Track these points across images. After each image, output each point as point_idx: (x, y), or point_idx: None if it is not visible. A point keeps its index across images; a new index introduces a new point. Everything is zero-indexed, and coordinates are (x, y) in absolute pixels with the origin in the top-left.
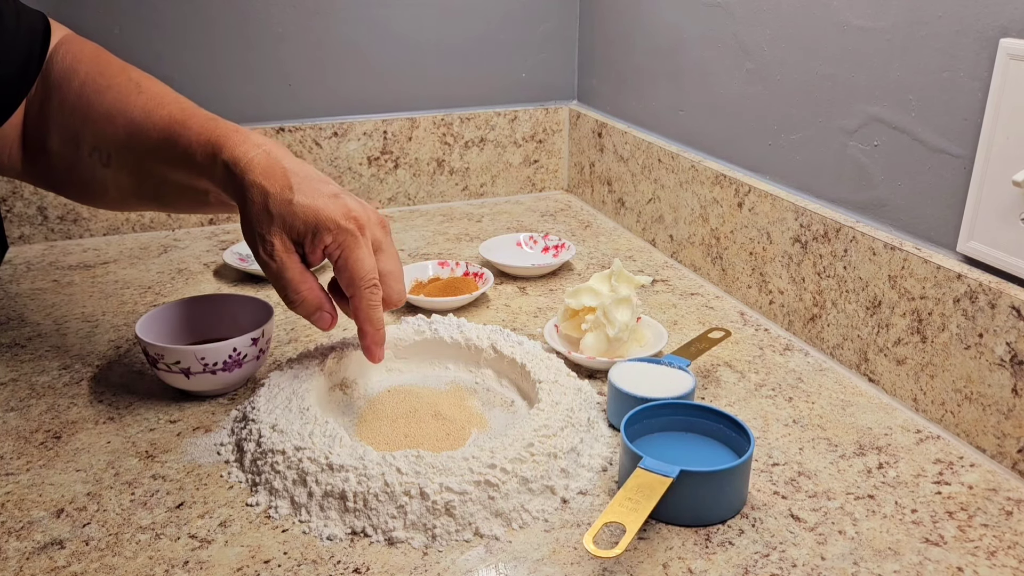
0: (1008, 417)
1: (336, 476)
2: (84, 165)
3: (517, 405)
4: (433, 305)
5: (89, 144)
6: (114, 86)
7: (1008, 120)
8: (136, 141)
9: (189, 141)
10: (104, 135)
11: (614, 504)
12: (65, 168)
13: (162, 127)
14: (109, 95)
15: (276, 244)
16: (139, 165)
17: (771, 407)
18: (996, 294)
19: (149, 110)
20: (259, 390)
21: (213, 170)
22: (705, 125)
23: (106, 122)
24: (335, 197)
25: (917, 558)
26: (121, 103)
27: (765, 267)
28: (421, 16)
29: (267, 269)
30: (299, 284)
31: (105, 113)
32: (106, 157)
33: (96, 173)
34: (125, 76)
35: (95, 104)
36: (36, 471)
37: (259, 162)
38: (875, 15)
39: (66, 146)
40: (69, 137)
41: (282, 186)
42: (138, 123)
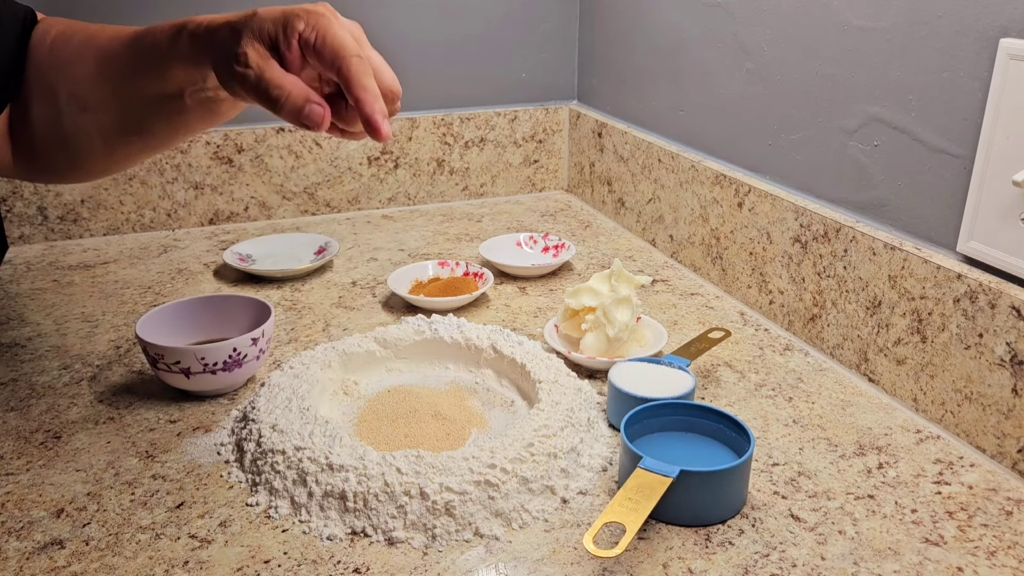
0: (1008, 417)
1: (336, 476)
2: (64, 118)
3: (517, 405)
4: (433, 305)
5: (65, 92)
6: (80, 31)
7: (1008, 120)
8: (107, 68)
9: (155, 36)
10: (76, 77)
11: (614, 504)
12: (48, 132)
13: (128, 40)
14: (75, 40)
15: (249, 53)
16: (114, 93)
17: (771, 407)
18: (996, 294)
19: (113, 35)
20: (259, 390)
21: (179, 45)
22: (705, 125)
23: (77, 64)
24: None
25: (917, 558)
26: (88, 41)
27: (765, 267)
28: (421, 16)
29: (245, 81)
30: (281, 79)
31: (73, 56)
32: (82, 100)
33: (78, 121)
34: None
35: (65, 52)
36: (36, 471)
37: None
38: (875, 15)
39: (46, 106)
40: (46, 96)
41: (242, 14)
42: (105, 49)
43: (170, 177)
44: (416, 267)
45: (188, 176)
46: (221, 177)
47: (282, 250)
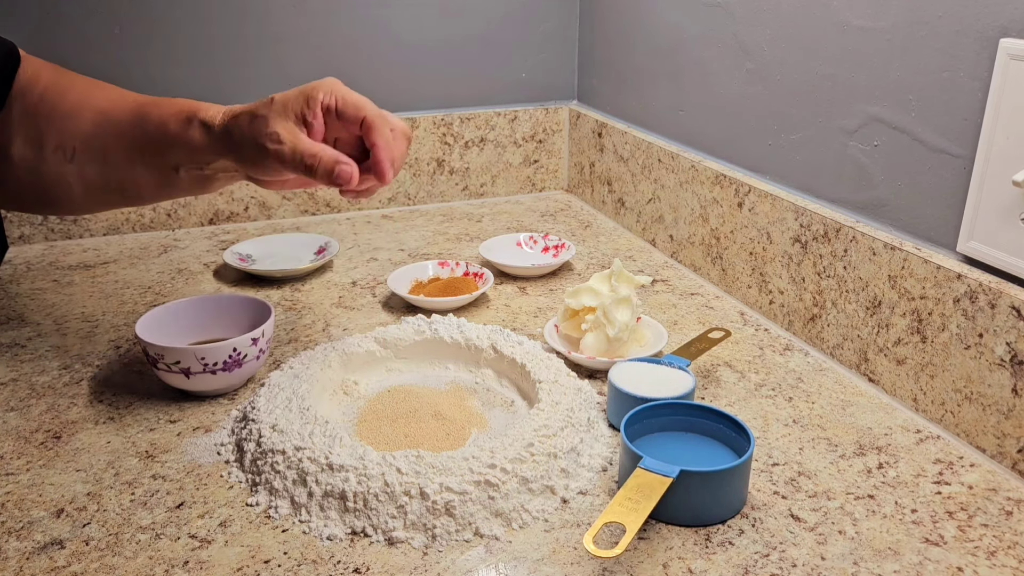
0: (1008, 417)
1: (336, 476)
2: (48, 165)
3: (517, 405)
4: (433, 305)
5: (53, 142)
6: (76, 86)
7: (1008, 120)
8: (103, 129)
9: (161, 117)
10: (68, 131)
11: (614, 504)
12: (28, 173)
13: (131, 110)
14: (71, 94)
15: (280, 131)
16: (106, 153)
17: (771, 407)
18: (996, 294)
19: (114, 100)
20: (259, 390)
21: (190, 131)
22: (705, 125)
23: (70, 118)
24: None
25: (917, 558)
26: (85, 98)
27: (765, 267)
28: (421, 16)
29: (281, 156)
30: (312, 147)
31: (69, 110)
32: (70, 152)
33: (61, 170)
34: (85, 80)
35: (58, 104)
36: (36, 471)
37: (234, 109)
38: (875, 15)
39: (30, 149)
40: (32, 140)
41: (259, 103)
42: (105, 111)
43: None
44: (416, 267)
45: None
46: None
47: (282, 250)
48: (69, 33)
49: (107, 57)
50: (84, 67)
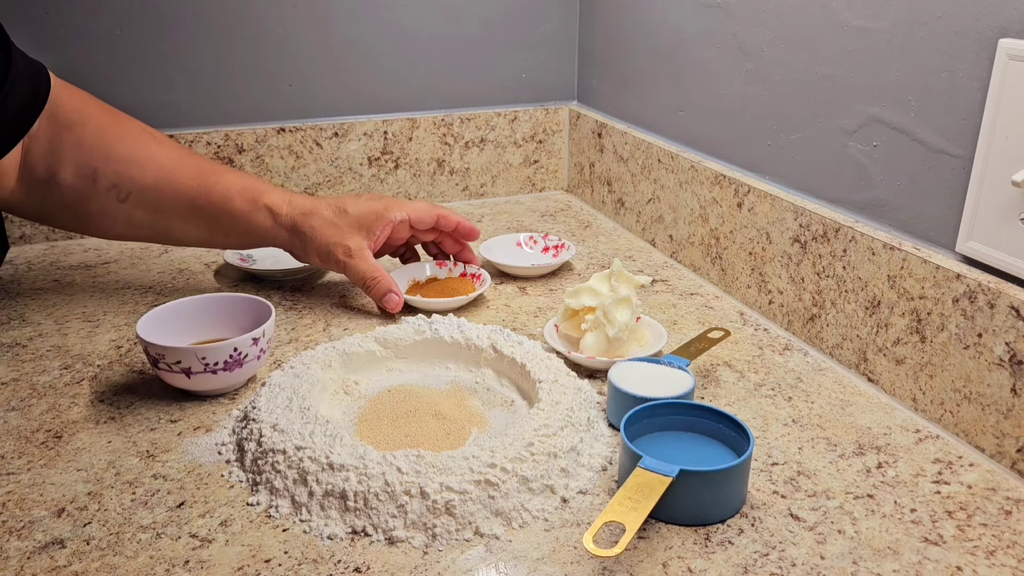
0: (1007, 417)
1: (336, 475)
2: (98, 198)
3: (517, 405)
4: (430, 306)
5: (108, 181)
6: (131, 132)
7: (1007, 120)
8: (164, 184)
9: (227, 188)
10: (127, 175)
11: (614, 503)
12: (74, 199)
13: (194, 174)
14: (129, 140)
15: (351, 245)
16: (160, 206)
17: (770, 407)
18: (995, 294)
19: (175, 159)
20: (260, 390)
21: (255, 214)
22: (705, 125)
23: (131, 164)
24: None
25: (916, 557)
26: (146, 149)
27: (764, 267)
28: (421, 16)
29: (345, 268)
30: (374, 271)
31: (129, 156)
32: (125, 195)
33: (109, 207)
34: (137, 126)
35: (117, 147)
36: (37, 471)
37: (300, 201)
38: (875, 15)
39: (81, 180)
40: (86, 173)
41: (331, 207)
42: (168, 169)
43: None
44: (413, 267)
45: None
46: None
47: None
48: (71, 34)
49: (108, 58)
50: (85, 67)
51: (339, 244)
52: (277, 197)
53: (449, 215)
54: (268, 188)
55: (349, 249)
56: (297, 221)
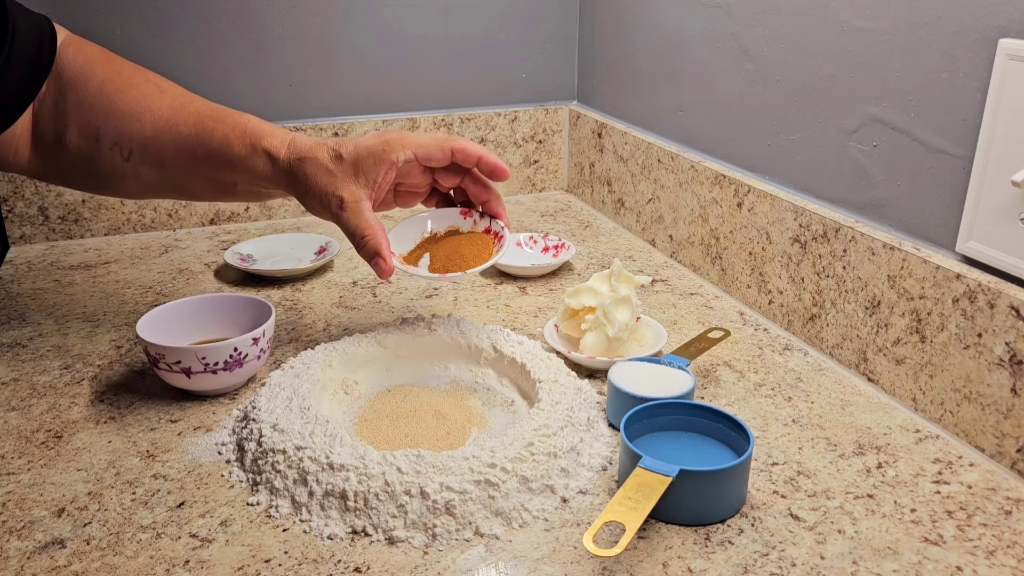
0: (1007, 417)
1: (337, 475)
2: (103, 158)
3: (517, 405)
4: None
5: (110, 139)
6: (134, 85)
7: (1007, 120)
8: (164, 137)
9: (225, 134)
10: (128, 131)
11: (614, 503)
12: (83, 162)
13: (193, 122)
14: (131, 93)
15: (344, 197)
16: (163, 160)
17: (770, 407)
18: (995, 294)
19: (176, 108)
20: (260, 390)
21: (254, 159)
22: (705, 125)
23: (130, 119)
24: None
25: (916, 557)
26: (146, 101)
27: (764, 267)
28: (421, 16)
29: (337, 219)
30: (367, 228)
31: (129, 111)
32: (127, 152)
33: (116, 166)
34: (142, 77)
35: (117, 102)
36: (37, 470)
37: (298, 143)
38: (875, 15)
39: (85, 141)
40: (89, 132)
41: (327, 152)
42: (166, 120)
43: None
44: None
45: None
46: None
47: (283, 250)
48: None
49: None
50: None
51: (333, 194)
52: (277, 140)
53: (468, 146)
54: (269, 130)
55: (342, 201)
56: (293, 167)
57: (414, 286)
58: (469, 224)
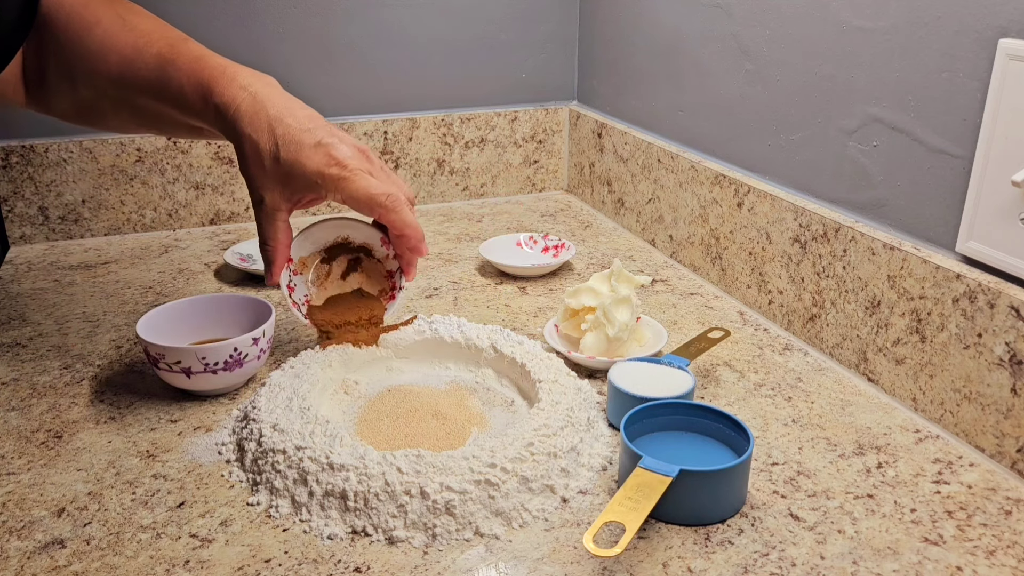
0: (1007, 417)
1: (337, 475)
2: (81, 98)
3: (517, 404)
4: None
5: (83, 80)
6: (102, 21)
7: (1007, 120)
8: (128, 80)
9: (180, 83)
10: (96, 72)
11: (614, 503)
12: (65, 100)
13: (153, 66)
14: (97, 31)
15: (266, 200)
16: (134, 101)
17: (770, 407)
18: (995, 294)
19: (139, 47)
20: (260, 390)
21: (206, 112)
22: (705, 125)
23: (97, 59)
24: (317, 146)
25: (916, 557)
26: (110, 40)
27: (764, 267)
28: (421, 16)
29: (254, 214)
30: (267, 239)
31: (96, 50)
32: (101, 92)
33: (95, 105)
34: (112, 11)
35: (85, 40)
36: (37, 470)
37: (246, 109)
38: (875, 15)
39: (62, 81)
40: (64, 72)
41: (268, 141)
42: (129, 61)
43: (171, 177)
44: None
45: (189, 176)
46: (222, 177)
47: None
48: None
49: None
50: None
51: (256, 190)
52: (228, 95)
53: (395, 219)
54: (224, 81)
55: (262, 201)
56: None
57: (414, 286)
58: (382, 253)
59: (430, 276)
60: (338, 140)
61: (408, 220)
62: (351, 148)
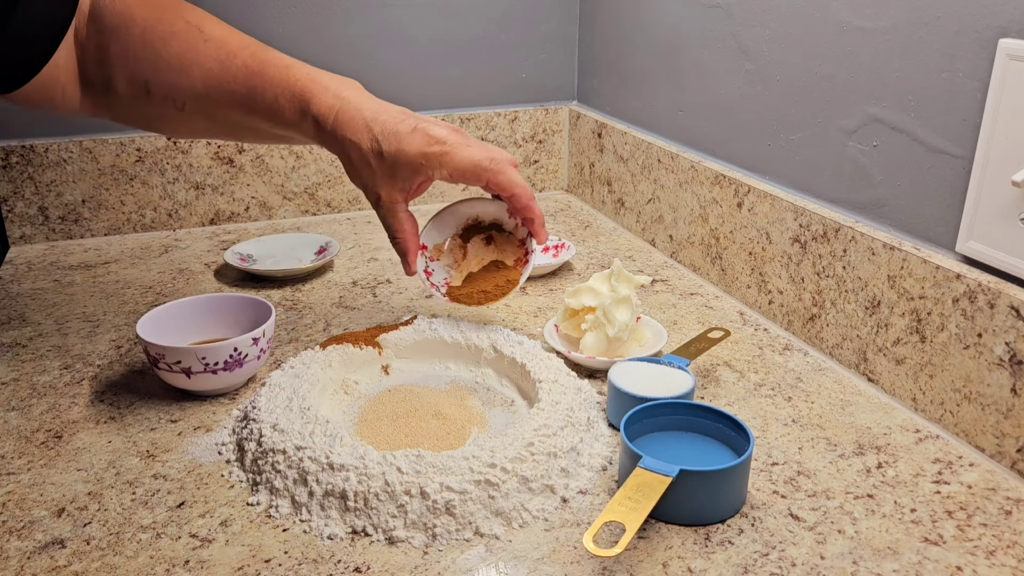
0: (1007, 417)
1: (337, 475)
2: (155, 107)
3: (517, 404)
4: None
5: (161, 92)
6: (177, 33)
7: (1007, 120)
8: (216, 95)
9: (273, 96)
10: (178, 85)
11: (614, 503)
12: (134, 108)
13: (242, 80)
14: (175, 44)
15: (382, 196)
16: (218, 112)
17: (770, 407)
18: (995, 294)
19: (223, 61)
20: (260, 390)
21: (303, 124)
22: (705, 125)
23: (178, 73)
24: (414, 131)
25: (916, 557)
26: (191, 53)
27: (764, 267)
28: (422, 16)
29: (376, 212)
30: (396, 231)
31: (175, 64)
32: (180, 104)
33: (170, 114)
34: (184, 22)
35: (162, 53)
36: (37, 470)
37: (343, 117)
38: (875, 15)
39: (135, 90)
40: (139, 83)
41: (369, 140)
42: (215, 75)
43: (171, 177)
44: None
45: (189, 176)
46: (222, 177)
47: (283, 250)
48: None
49: None
50: None
51: (371, 190)
52: (324, 106)
53: (503, 180)
54: (318, 91)
55: (379, 198)
56: (337, 141)
57: (414, 286)
58: (511, 224)
59: None
60: (431, 123)
61: (515, 179)
62: (445, 127)
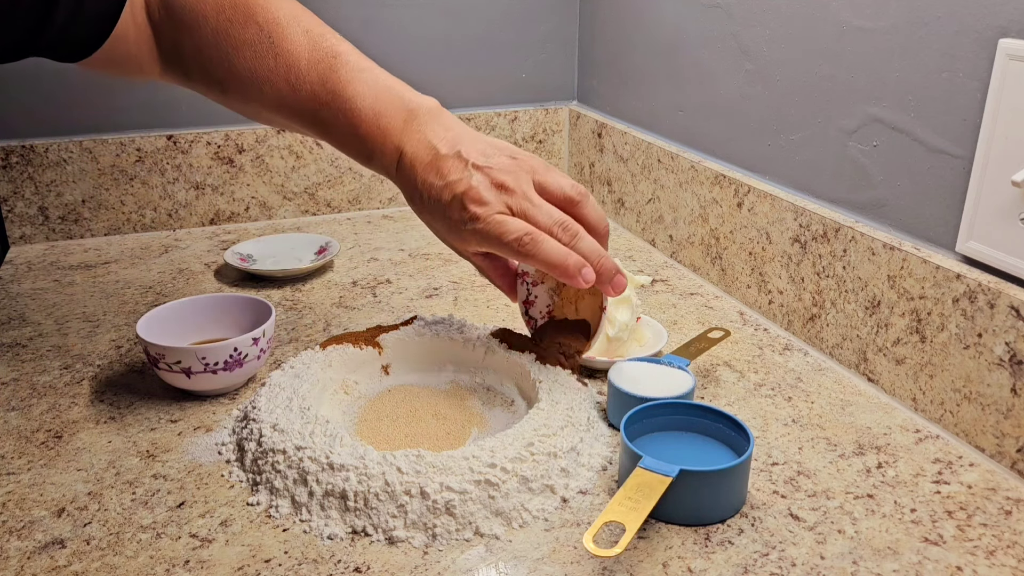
0: (1007, 417)
1: (337, 475)
2: (235, 103)
3: (517, 405)
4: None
5: (237, 97)
6: (248, 43)
7: (1007, 120)
8: (287, 113)
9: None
10: (250, 95)
11: (614, 503)
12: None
13: (310, 110)
14: (247, 55)
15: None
16: (291, 123)
17: (770, 407)
18: (995, 294)
19: (292, 83)
20: (260, 390)
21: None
22: (705, 125)
23: (251, 86)
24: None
25: (916, 557)
26: (262, 71)
27: (764, 267)
28: (421, 16)
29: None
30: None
31: (247, 77)
32: (256, 112)
33: (248, 110)
34: (256, 26)
35: (235, 63)
36: (37, 470)
37: (402, 178)
38: (875, 15)
39: (213, 87)
40: (215, 82)
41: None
42: (285, 97)
43: (171, 177)
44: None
45: (189, 176)
46: (222, 177)
47: (283, 250)
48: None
49: None
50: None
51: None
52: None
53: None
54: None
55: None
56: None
57: (414, 286)
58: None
59: (430, 276)
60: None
61: (548, 257)
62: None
